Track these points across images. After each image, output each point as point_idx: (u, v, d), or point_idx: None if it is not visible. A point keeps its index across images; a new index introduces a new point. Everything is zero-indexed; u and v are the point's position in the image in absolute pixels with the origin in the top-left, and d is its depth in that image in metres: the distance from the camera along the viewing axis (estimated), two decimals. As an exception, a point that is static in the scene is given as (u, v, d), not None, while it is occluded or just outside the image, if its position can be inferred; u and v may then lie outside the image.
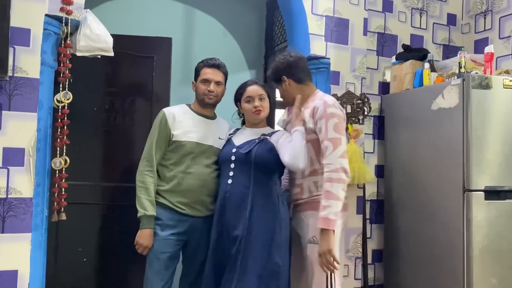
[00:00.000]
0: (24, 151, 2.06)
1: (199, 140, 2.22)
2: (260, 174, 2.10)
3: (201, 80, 2.27)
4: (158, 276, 2.13)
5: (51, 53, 2.19)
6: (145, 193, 2.13)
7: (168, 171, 2.19)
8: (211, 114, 2.35)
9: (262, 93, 2.18)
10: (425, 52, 2.78)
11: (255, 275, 2.00)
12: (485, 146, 2.27)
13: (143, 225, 2.11)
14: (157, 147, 2.18)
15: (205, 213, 2.23)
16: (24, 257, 2.05)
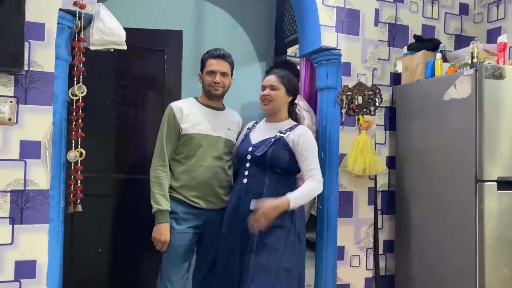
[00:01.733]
0: (41, 144, 2.10)
1: (208, 132, 2.23)
2: (275, 175, 2.11)
3: (206, 72, 2.27)
4: (174, 270, 2.17)
5: (65, 47, 2.22)
6: (158, 188, 2.15)
7: (180, 165, 2.21)
8: (219, 105, 2.36)
9: (274, 84, 2.17)
10: (437, 42, 2.76)
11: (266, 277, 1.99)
12: (497, 137, 2.26)
13: (158, 220, 2.14)
14: (167, 142, 2.20)
15: (220, 206, 2.25)
16: (42, 248, 2.10)
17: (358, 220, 2.69)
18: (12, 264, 2.05)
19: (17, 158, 2.07)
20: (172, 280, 2.16)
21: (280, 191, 2.06)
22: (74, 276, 2.58)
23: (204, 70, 2.29)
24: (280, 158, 2.10)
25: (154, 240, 2.14)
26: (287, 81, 2.20)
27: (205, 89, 2.30)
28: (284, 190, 2.06)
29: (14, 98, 2.06)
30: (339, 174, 2.65)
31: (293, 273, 2.04)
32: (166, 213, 2.14)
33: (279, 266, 2.00)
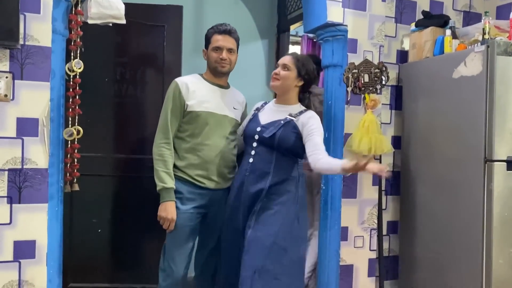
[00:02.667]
0: (38, 121, 2.03)
1: (215, 110, 2.18)
2: (282, 156, 2.10)
3: (212, 48, 2.20)
4: (178, 250, 2.13)
5: (62, 21, 2.14)
6: (163, 165, 2.09)
7: (185, 143, 2.16)
8: (225, 83, 2.30)
9: (287, 64, 2.13)
10: (446, 18, 2.67)
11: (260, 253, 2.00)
12: (508, 115, 2.20)
13: (164, 198, 2.09)
14: (172, 119, 2.13)
15: (224, 185, 2.21)
16: (41, 227, 2.05)
17: (362, 201, 2.65)
18: (11, 244, 2.00)
19: (14, 136, 2.00)
20: (175, 260, 2.12)
21: (285, 172, 2.08)
22: (74, 257, 2.56)
23: (210, 46, 2.21)
24: (288, 140, 2.08)
25: (161, 218, 2.09)
26: (300, 64, 2.13)
27: (211, 66, 2.23)
28: (289, 171, 2.09)
29: (10, 74, 1.98)
30: (344, 154, 2.59)
31: (289, 254, 2.02)
32: (171, 191, 2.08)
33: (274, 242, 1.99)
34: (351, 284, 2.64)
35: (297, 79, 2.14)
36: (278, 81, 2.14)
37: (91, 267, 2.66)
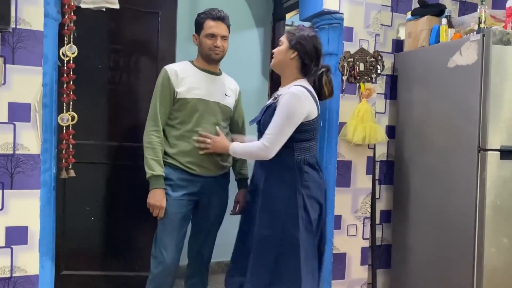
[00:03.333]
0: (30, 106, 2.01)
1: (205, 97, 2.15)
2: None
3: (206, 35, 2.17)
4: (171, 238, 2.12)
5: (54, 5, 2.11)
6: (152, 153, 2.08)
7: (175, 131, 2.14)
8: (216, 70, 2.27)
9: (281, 39, 2.07)
10: (442, 7, 2.66)
11: None
12: (503, 104, 2.21)
13: (152, 185, 2.07)
14: (161, 106, 2.11)
15: (216, 173, 2.20)
16: (33, 214, 2.04)
17: (355, 190, 2.66)
18: (3, 230, 1.99)
19: (6, 121, 1.98)
20: (167, 247, 2.12)
21: (280, 159, 1.95)
22: (67, 244, 2.55)
23: (203, 32, 2.18)
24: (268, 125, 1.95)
25: (150, 206, 2.08)
26: (291, 35, 2.00)
27: (204, 53, 2.20)
28: (283, 159, 1.96)
29: (1, 58, 1.95)
30: (338, 142, 2.60)
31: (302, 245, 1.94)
32: (161, 178, 2.07)
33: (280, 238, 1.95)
34: (344, 272, 2.65)
35: (289, 51, 1.99)
36: (273, 58, 2.06)
37: (84, 254, 2.64)
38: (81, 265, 2.63)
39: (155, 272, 2.14)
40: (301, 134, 1.96)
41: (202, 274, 2.33)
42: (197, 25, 2.22)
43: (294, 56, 2.00)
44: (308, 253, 1.98)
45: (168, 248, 2.12)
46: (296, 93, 1.91)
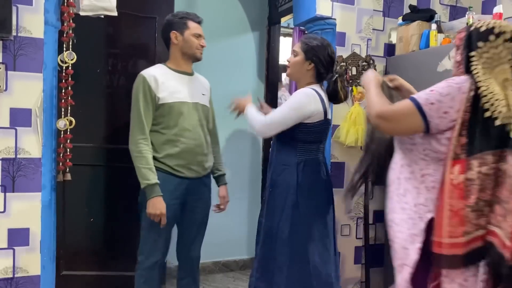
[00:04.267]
0: (31, 111, 2.07)
1: (186, 99, 2.16)
2: (282, 144, 2.11)
3: (193, 34, 2.17)
4: (158, 241, 2.14)
5: (54, 12, 2.17)
6: (144, 162, 2.05)
7: (161, 135, 2.13)
8: (191, 70, 2.27)
9: (295, 49, 2.11)
10: (432, 12, 2.73)
11: None
12: (489, 108, 2.27)
13: (150, 195, 2.05)
14: (145, 114, 2.08)
15: (202, 174, 2.23)
16: (35, 216, 2.10)
17: (349, 191, 2.72)
18: (5, 231, 2.05)
19: (8, 126, 2.04)
20: (153, 247, 2.13)
21: (285, 159, 2.07)
22: (67, 245, 2.60)
23: (188, 32, 2.16)
24: None
25: (151, 215, 2.06)
26: (307, 47, 2.07)
27: (189, 52, 2.18)
28: (287, 158, 2.06)
29: (3, 65, 2.01)
30: (332, 144, 2.66)
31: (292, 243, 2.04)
32: (156, 186, 2.05)
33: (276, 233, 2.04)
34: (339, 271, 2.72)
35: (305, 63, 2.07)
36: (289, 68, 2.14)
37: (83, 255, 2.69)
38: (81, 265, 2.68)
39: (139, 273, 2.16)
40: (305, 135, 2.04)
41: (194, 274, 2.35)
42: (177, 24, 2.17)
43: (311, 68, 2.09)
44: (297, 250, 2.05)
45: (154, 248, 2.14)
46: (306, 92, 2.04)
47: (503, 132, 1.42)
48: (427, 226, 1.51)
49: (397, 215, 1.61)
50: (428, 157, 1.54)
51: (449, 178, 1.44)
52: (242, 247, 3.42)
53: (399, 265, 1.58)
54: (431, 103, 1.47)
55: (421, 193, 1.54)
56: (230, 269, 3.48)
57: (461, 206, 1.41)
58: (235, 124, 3.47)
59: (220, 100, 3.37)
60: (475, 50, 1.50)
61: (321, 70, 2.09)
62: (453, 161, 1.44)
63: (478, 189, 1.40)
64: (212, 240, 3.34)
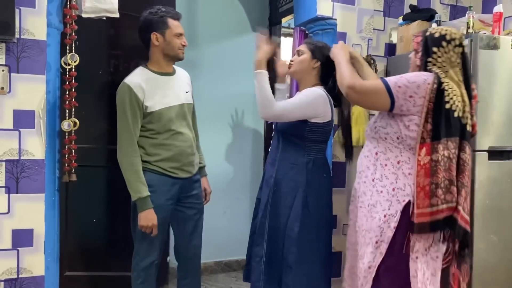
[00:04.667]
0: (34, 113, 2.09)
1: (173, 103, 2.14)
2: (286, 142, 2.13)
3: (176, 34, 2.11)
4: (154, 242, 2.14)
5: (57, 15, 2.18)
6: (135, 175, 2.04)
7: (152, 140, 2.11)
8: (172, 69, 2.22)
9: (300, 49, 2.16)
10: (432, 12, 2.74)
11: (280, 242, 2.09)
12: (490, 107, 2.29)
13: (142, 208, 2.03)
14: (134, 125, 2.05)
15: (192, 173, 2.25)
16: (38, 217, 2.11)
17: (350, 190, 2.71)
18: (9, 232, 2.06)
19: (11, 128, 2.05)
20: (149, 247, 2.14)
21: (291, 158, 2.10)
22: (70, 246, 2.61)
23: (170, 32, 2.10)
24: (288, 124, 2.09)
25: (143, 228, 2.05)
26: (313, 47, 2.13)
27: (172, 53, 2.12)
28: (294, 157, 2.09)
29: (6, 67, 2.03)
30: (333, 144, 2.67)
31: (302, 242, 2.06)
32: (148, 199, 2.04)
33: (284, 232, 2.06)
34: (340, 270, 2.72)
35: (312, 61, 2.12)
36: (293, 66, 2.16)
37: (87, 255, 2.71)
38: (84, 266, 2.69)
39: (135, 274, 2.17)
40: (313, 135, 2.08)
41: (195, 274, 2.35)
42: (157, 24, 2.10)
43: (317, 66, 2.13)
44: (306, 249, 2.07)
45: (150, 248, 2.15)
46: (319, 91, 2.08)
47: (461, 124, 1.74)
48: (403, 208, 1.77)
49: (369, 198, 1.87)
50: (401, 145, 1.81)
51: (417, 160, 1.74)
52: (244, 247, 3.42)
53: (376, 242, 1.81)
54: (399, 86, 1.74)
55: (400, 179, 1.80)
56: (233, 269, 3.50)
57: (427, 183, 1.73)
58: (235, 124, 3.52)
59: (221, 100, 3.41)
60: (431, 56, 1.79)
61: (325, 70, 2.13)
62: (420, 144, 1.73)
63: (442, 169, 1.72)
64: (214, 240, 3.37)
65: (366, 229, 1.88)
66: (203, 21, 3.37)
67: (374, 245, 1.83)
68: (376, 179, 1.87)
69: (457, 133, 1.74)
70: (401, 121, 1.79)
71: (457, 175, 1.75)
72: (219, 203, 3.42)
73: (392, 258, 1.79)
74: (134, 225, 2.15)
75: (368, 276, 1.84)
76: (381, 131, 1.86)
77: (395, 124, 1.80)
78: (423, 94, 1.73)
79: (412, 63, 1.90)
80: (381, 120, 1.88)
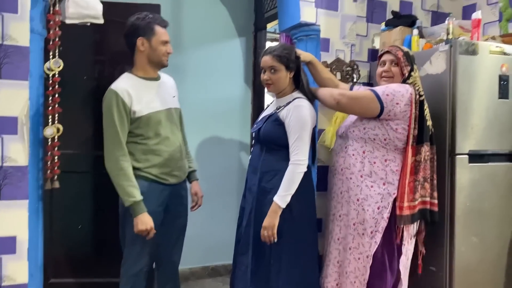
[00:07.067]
0: (17, 119, 2.07)
1: (161, 107, 2.15)
2: (270, 151, 2.15)
3: (161, 41, 2.12)
4: (144, 249, 2.13)
5: (40, 20, 2.18)
6: (127, 180, 2.02)
7: (141, 145, 2.11)
8: (157, 75, 2.23)
9: (273, 66, 2.11)
10: (414, 18, 2.79)
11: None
12: (470, 111, 2.33)
13: (137, 212, 2.02)
14: (122, 130, 2.04)
15: (182, 178, 2.26)
16: (22, 224, 2.09)
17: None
18: (-9, 240, 2.04)
19: (-6, 134, 2.04)
20: (139, 254, 2.13)
21: (274, 166, 2.11)
22: (55, 253, 2.59)
23: (156, 38, 2.10)
24: (272, 134, 2.12)
25: (140, 232, 2.02)
26: (285, 59, 2.11)
27: (156, 59, 2.13)
28: (278, 166, 2.10)
29: (-12, 73, 2.01)
30: (317, 148, 2.69)
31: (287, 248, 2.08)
32: (142, 202, 2.03)
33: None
34: (325, 273, 2.74)
35: (287, 73, 2.13)
36: (273, 85, 2.16)
37: (72, 262, 2.68)
38: (69, 273, 2.67)
39: (124, 280, 2.16)
40: None
41: (176, 279, 2.35)
42: (144, 29, 2.11)
43: (292, 75, 2.17)
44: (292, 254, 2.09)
45: (140, 254, 2.14)
46: (304, 105, 2.10)
47: (430, 130, 2.14)
48: (394, 200, 2.08)
49: (359, 193, 2.11)
50: (388, 146, 2.10)
51: (406, 160, 2.08)
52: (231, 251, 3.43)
53: (371, 232, 2.08)
54: (387, 95, 2.06)
55: (389, 175, 2.10)
56: (219, 274, 3.50)
57: (411, 180, 2.10)
58: (222, 129, 3.53)
59: (207, 105, 3.42)
60: (413, 70, 2.17)
61: (297, 73, 2.17)
62: (406, 146, 2.09)
63: (422, 168, 2.11)
64: (201, 245, 3.37)
65: (359, 222, 2.11)
66: (188, 26, 3.38)
67: (369, 235, 2.08)
68: (365, 175, 2.12)
69: (428, 138, 2.13)
70: (388, 125, 2.08)
71: (432, 172, 2.17)
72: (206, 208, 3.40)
73: (384, 245, 2.07)
74: (124, 232, 2.15)
75: (367, 265, 2.08)
76: (370, 132, 2.11)
77: (382, 127, 2.09)
78: (408, 102, 2.06)
79: (397, 76, 2.18)
80: (369, 122, 2.12)
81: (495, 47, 2.38)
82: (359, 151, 2.14)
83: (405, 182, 2.07)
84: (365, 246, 2.09)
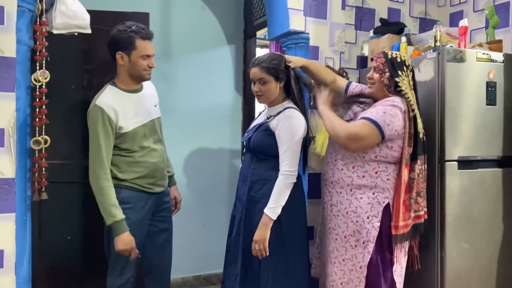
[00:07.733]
0: (4, 131, 2.04)
1: (145, 120, 2.15)
2: (260, 160, 2.14)
3: (142, 56, 2.08)
4: (131, 260, 2.11)
5: (27, 31, 2.15)
6: (107, 200, 2.00)
7: (126, 158, 2.11)
8: (139, 86, 2.21)
9: (262, 77, 2.10)
10: (402, 25, 2.82)
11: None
12: (458, 118, 2.35)
13: (118, 232, 2.00)
14: (106, 147, 2.03)
15: (166, 186, 2.29)
16: (9, 237, 2.06)
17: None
18: (-22, 254, 2.01)
19: (-21, 147, 2.01)
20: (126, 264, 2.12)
21: (264, 176, 2.11)
22: (44, 265, 2.55)
23: (136, 53, 2.06)
24: (262, 143, 2.12)
25: (121, 251, 2.01)
26: (273, 70, 2.10)
27: (137, 74, 2.11)
28: (268, 175, 2.09)
29: (-26, 84, 1.98)
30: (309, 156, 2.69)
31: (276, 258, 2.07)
32: (123, 222, 2.02)
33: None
34: (317, 281, 2.74)
35: (277, 84, 2.13)
36: (263, 96, 2.15)
37: (61, 275, 2.65)
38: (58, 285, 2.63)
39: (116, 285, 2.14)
40: None
41: (167, 287, 2.35)
42: (124, 43, 2.06)
43: (282, 85, 2.16)
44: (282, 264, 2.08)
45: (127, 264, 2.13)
46: (294, 116, 2.09)
47: (423, 142, 2.12)
48: (384, 209, 2.05)
49: (347, 206, 2.10)
50: (378, 160, 2.07)
51: (402, 179, 2.05)
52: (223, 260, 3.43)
53: (363, 242, 2.06)
54: (388, 124, 2.01)
55: (379, 184, 2.07)
56: (211, 283, 3.48)
57: (407, 198, 2.09)
58: (213, 137, 3.52)
59: (197, 113, 3.41)
60: (397, 77, 2.08)
61: (288, 83, 2.15)
62: (404, 165, 2.06)
63: (415, 184, 2.10)
64: (193, 254, 3.35)
65: (349, 234, 2.09)
66: (178, 34, 3.38)
67: (362, 245, 2.06)
68: (354, 188, 2.10)
69: (422, 152, 2.13)
70: (382, 143, 2.05)
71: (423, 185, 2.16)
72: (197, 216, 3.42)
73: (377, 254, 2.05)
74: (109, 246, 2.13)
75: (361, 276, 2.05)
76: None
77: (377, 147, 2.05)
78: (401, 122, 2.03)
79: (377, 83, 2.12)
80: None
81: (482, 54, 2.40)
82: (348, 166, 2.11)
83: (399, 202, 2.05)
84: (358, 257, 2.06)
